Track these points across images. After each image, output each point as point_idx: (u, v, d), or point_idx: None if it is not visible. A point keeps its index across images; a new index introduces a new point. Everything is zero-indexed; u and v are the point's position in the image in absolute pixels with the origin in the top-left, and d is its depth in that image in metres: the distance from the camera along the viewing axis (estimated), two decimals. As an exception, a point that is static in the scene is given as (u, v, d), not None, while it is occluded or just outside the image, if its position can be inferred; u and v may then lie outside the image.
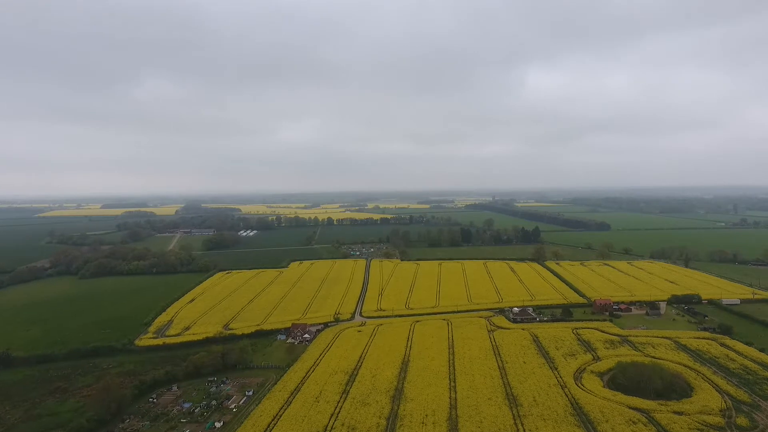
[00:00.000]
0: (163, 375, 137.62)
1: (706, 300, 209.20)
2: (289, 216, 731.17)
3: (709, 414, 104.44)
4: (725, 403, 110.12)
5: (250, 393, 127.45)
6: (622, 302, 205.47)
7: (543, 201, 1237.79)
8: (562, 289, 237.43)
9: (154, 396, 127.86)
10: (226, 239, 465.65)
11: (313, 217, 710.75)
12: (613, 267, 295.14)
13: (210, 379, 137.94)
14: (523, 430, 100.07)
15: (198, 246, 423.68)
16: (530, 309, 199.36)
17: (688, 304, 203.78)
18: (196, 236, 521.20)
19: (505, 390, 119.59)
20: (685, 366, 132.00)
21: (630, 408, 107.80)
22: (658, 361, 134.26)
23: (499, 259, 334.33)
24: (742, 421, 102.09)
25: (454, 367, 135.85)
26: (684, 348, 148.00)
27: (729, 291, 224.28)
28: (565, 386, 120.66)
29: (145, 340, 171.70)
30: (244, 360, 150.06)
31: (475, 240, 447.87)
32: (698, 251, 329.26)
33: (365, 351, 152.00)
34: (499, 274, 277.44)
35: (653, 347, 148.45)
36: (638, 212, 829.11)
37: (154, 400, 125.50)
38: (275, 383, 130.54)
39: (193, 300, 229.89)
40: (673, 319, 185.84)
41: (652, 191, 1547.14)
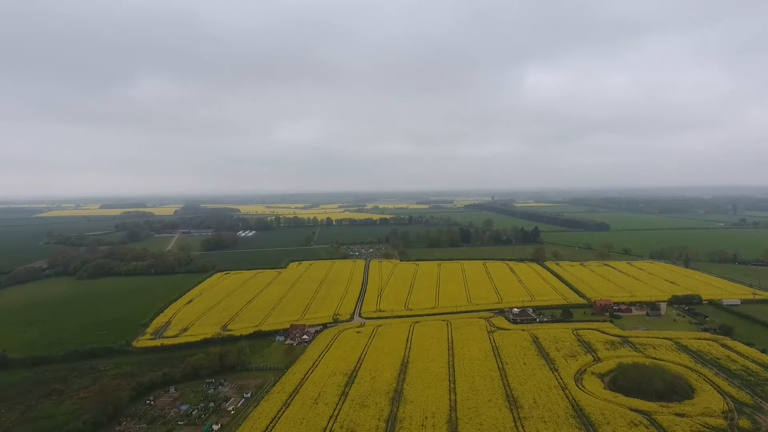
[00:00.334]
0: (161, 377, 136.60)
1: (706, 300, 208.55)
2: (288, 216, 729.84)
3: (711, 416, 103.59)
4: (727, 404, 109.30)
5: (249, 395, 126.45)
6: (623, 303, 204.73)
7: (542, 201, 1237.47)
8: (562, 290, 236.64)
9: (151, 398, 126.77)
10: (225, 240, 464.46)
11: (312, 218, 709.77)
12: (613, 267, 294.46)
13: (208, 380, 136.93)
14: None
15: (197, 246, 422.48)
16: (530, 310, 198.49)
17: (688, 305, 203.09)
18: (195, 237, 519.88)
19: (506, 392, 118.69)
20: (687, 367, 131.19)
21: (631, 410, 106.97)
22: (659, 362, 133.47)
23: (498, 260, 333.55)
24: (744, 423, 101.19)
25: (453, 368, 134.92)
26: (685, 349, 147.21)
27: (729, 291, 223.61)
28: (566, 388, 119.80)
29: (143, 342, 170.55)
30: (243, 361, 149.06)
31: (474, 240, 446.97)
32: (698, 251, 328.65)
33: (364, 352, 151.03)
34: (498, 275, 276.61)
35: (654, 348, 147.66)
36: (637, 212, 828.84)
37: (152, 403, 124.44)
38: (274, 385, 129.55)
39: (191, 301, 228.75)
40: (674, 320, 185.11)
41: (652, 191, 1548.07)
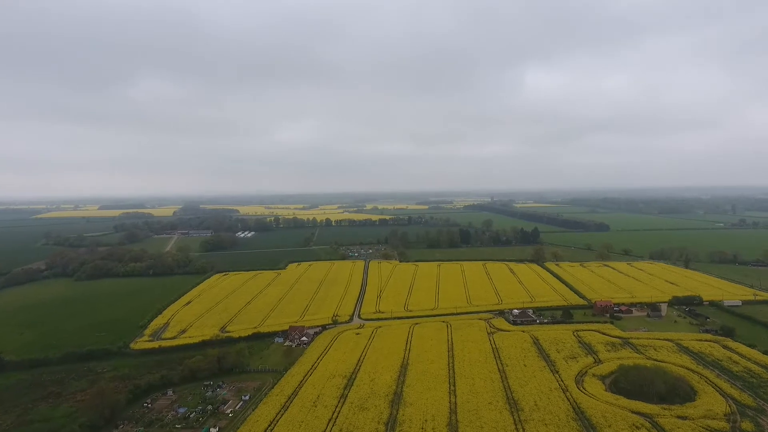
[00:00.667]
0: (158, 379, 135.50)
1: (707, 301, 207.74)
2: (287, 217, 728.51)
3: (714, 419, 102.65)
4: (729, 407, 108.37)
5: (247, 397, 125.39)
6: (623, 304, 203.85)
7: (542, 201, 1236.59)
8: (562, 291, 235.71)
9: (148, 401, 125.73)
10: (224, 240, 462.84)
11: (311, 218, 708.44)
12: (613, 268, 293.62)
13: (206, 383, 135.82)
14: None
15: (195, 247, 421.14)
16: (530, 311, 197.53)
17: (689, 306, 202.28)
18: (194, 237, 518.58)
19: (506, 394, 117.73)
20: (688, 369, 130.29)
21: (633, 412, 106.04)
22: (661, 364, 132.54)
23: (498, 260, 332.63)
24: (747, 425, 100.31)
25: (453, 370, 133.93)
26: (686, 350, 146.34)
27: (730, 292, 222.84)
28: (567, 390, 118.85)
29: (141, 343, 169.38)
30: (241, 363, 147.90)
31: (474, 241, 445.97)
32: (698, 252, 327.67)
33: (363, 354, 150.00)
34: (498, 276, 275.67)
35: (655, 350, 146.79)
36: (637, 213, 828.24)
37: (149, 405, 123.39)
38: (272, 387, 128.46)
39: (189, 302, 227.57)
40: (675, 321, 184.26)
41: (651, 191, 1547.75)
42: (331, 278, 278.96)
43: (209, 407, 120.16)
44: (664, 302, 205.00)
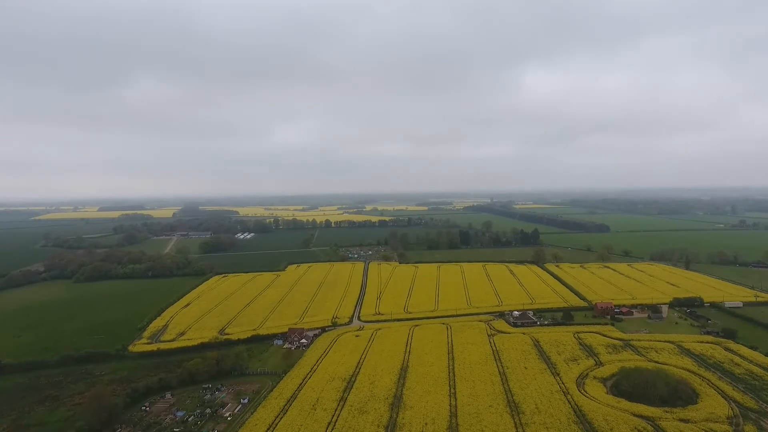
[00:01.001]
0: (157, 382, 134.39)
1: (708, 303, 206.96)
2: (286, 218, 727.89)
3: (716, 422, 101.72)
4: (732, 410, 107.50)
5: (246, 400, 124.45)
6: (624, 305, 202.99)
7: (541, 202, 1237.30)
8: (563, 292, 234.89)
9: (146, 404, 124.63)
10: (223, 242, 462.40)
11: (311, 220, 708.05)
12: (614, 269, 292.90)
13: (204, 386, 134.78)
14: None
15: (195, 249, 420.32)
16: (530, 313, 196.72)
17: (690, 307, 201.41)
18: (193, 239, 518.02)
19: (507, 397, 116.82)
20: (690, 371, 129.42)
21: (635, 415, 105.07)
22: (662, 366, 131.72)
23: (498, 262, 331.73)
24: (749, 429, 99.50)
25: (453, 373, 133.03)
26: (688, 352, 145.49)
27: (731, 294, 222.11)
28: (568, 393, 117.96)
29: (139, 346, 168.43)
30: (240, 366, 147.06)
31: (473, 242, 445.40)
32: (698, 253, 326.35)
33: (363, 356, 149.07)
34: (498, 277, 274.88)
35: (656, 352, 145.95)
36: (637, 213, 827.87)
37: (147, 409, 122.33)
38: (271, 390, 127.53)
39: (188, 304, 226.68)
40: (676, 323, 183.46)
41: (650, 192, 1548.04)
42: (331, 280, 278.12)
43: (208, 410, 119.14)
44: (665, 304, 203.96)
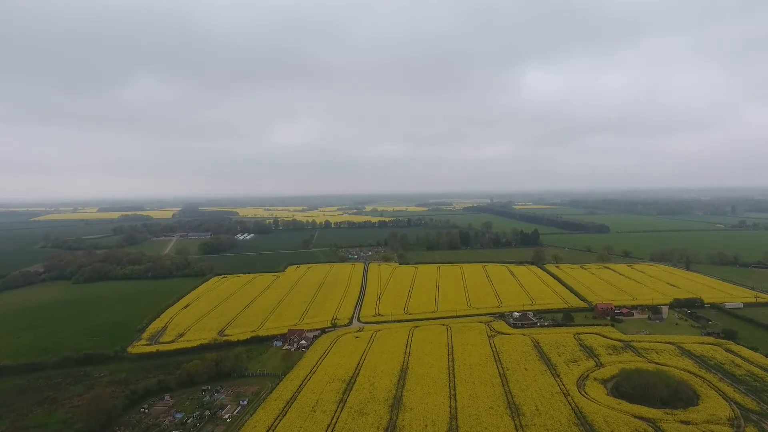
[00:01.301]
0: (156, 384, 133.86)
1: (708, 304, 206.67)
2: (286, 219, 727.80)
3: (717, 423, 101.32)
4: (733, 411, 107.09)
5: (245, 402, 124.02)
6: (624, 306, 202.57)
7: (541, 203, 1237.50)
8: (563, 293, 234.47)
9: (145, 406, 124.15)
10: (223, 243, 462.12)
11: (310, 221, 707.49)
12: (614, 270, 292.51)
13: (204, 387, 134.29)
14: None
15: (194, 250, 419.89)
16: (531, 314, 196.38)
17: (690, 308, 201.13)
18: (193, 240, 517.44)
19: (507, 398, 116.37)
20: (690, 372, 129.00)
21: (635, 417, 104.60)
22: (663, 367, 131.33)
23: (498, 263, 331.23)
24: (751, 430, 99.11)
25: (453, 374, 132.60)
26: (688, 354, 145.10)
27: (731, 294, 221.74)
28: (568, 394, 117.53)
29: (138, 348, 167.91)
30: (239, 368, 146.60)
31: (473, 243, 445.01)
32: (698, 253, 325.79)
33: (363, 358, 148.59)
34: (498, 278, 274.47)
35: (657, 353, 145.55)
36: (636, 214, 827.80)
37: (146, 411, 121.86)
38: (271, 392, 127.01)
39: (188, 305, 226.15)
40: (676, 324, 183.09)
41: (650, 193, 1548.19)
42: (331, 281, 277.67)
43: (207, 412, 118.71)
44: (665, 305, 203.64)
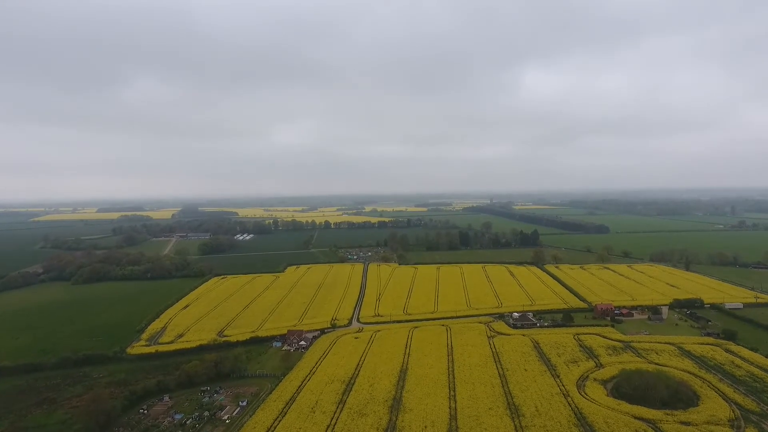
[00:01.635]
0: (155, 385, 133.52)
1: (708, 304, 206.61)
2: (286, 219, 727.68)
3: (717, 424, 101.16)
4: (733, 412, 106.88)
5: (244, 403, 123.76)
6: (624, 307, 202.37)
7: (541, 203, 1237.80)
8: (563, 294, 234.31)
9: (144, 407, 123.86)
10: (223, 243, 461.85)
11: (310, 221, 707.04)
12: (614, 270, 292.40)
13: (203, 388, 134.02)
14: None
15: (194, 250, 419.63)
16: (530, 314, 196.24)
17: (690, 309, 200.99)
18: (193, 240, 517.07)
19: (506, 399, 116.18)
20: (690, 373, 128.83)
21: (635, 418, 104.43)
22: (663, 368, 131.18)
23: (497, 263, 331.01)
24: (751, 431, 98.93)
25: (453, 375, 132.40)
26: (688, 354, 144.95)
27: (731, 295, 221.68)
28: (568, 395, 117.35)
29: (137, 348, 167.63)
30: (239, 368, 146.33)
31: (473, 243, 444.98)
32: (698, 254, 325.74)
33: (362, 359, 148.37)
34: (498, 278, 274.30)
35: (657, 353, 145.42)
36: (636, 214, 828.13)
37: (145, 412, 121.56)
38: (270, 393, 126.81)
39: (187, 306, 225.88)
40: (676, 324, 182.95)
41: (650, 193, 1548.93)
42: (330, 281, 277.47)
43: (206, 413, 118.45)
44: (665, 305, 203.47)
